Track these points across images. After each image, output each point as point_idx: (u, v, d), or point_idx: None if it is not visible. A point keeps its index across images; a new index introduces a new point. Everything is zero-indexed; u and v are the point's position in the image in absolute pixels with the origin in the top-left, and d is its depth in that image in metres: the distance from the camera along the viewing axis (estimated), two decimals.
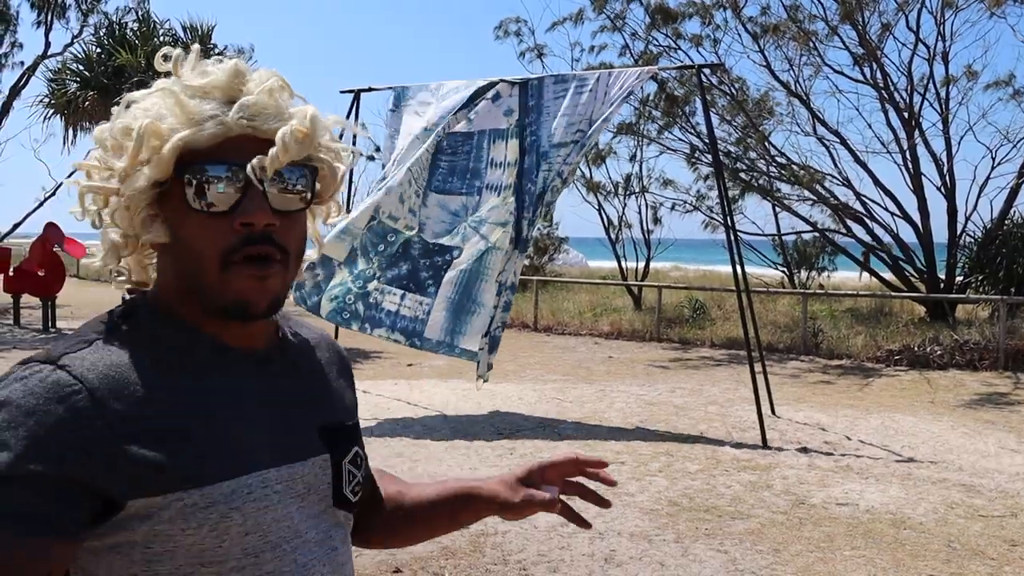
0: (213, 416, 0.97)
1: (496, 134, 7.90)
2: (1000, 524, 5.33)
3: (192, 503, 0.92)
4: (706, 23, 16.21)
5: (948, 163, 15.56)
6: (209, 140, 0.95)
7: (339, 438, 1.11)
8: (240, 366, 1.03)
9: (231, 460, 0.96)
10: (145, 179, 0.95)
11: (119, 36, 15.05)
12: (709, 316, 15.83)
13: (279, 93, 1.00)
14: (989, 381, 10.82)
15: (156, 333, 0.99)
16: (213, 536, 0.93)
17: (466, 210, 7.93)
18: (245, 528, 0.95)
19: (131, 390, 0.92)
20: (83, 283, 24.31)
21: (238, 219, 0.95)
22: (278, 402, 1.05)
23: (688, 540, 4.97)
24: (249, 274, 0.97)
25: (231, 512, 0.94)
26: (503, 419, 8.27)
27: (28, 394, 0.88)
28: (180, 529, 0.92)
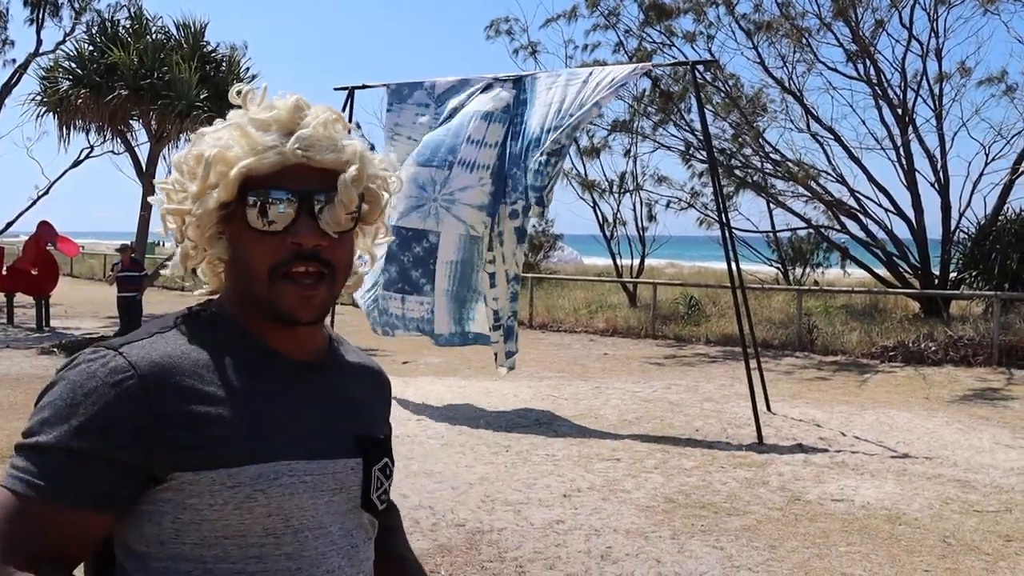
0: (250, 408, 1.08)
1: (479, 114, 7.83)
2: (995, 519, 5.34)
3: (221, 481, 1.03)
4: (699, 20, 16.22)
5: (942, 159, 15.60)
6: (269, 167, 1.07)
7: (372, 447, 1.20)
8: (286, 370, 1.14)
9: (261, 447, 1.06)
10: (213, 201, 1.09)
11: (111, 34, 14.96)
12: (704, 313, 15.84)
13: (332, 126, 1.11)
14: (983, 377, 10.85)
15: (213, 333, 1.12)
16: (237, 514, 1.04)
17: (434, 184, 7.82)
18: (268, 510, 1.05)
19: (177, 379, 1.05)
20: (77, 282, 24.25)
21: (290, 238, 1.08)
22: (318, 406, 1.15)
23: (684, 537, 4.97)
24: (294, 291, 1.10)
25: (256, 493, 1.04)
26: (499, 416, 8.26)
27: (90, 376, 1.02)
28: (208, 504, 1.03)
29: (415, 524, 5.12)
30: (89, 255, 30.81)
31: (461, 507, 5.46)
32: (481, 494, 5.75)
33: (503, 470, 6.35)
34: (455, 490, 5.83)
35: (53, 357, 11.59)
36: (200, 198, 1.10)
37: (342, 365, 1.25)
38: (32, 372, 10.31)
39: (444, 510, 5.39)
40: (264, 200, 1.08)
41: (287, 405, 1.12)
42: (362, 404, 1.24)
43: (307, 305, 1.10)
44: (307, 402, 1.14)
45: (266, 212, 1.08)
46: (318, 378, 1.18)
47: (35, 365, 10.88)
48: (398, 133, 8.35)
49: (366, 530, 1.19)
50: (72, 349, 12.05)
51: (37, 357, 11.64)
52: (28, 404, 9.41)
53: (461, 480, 6.08)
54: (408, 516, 5.24)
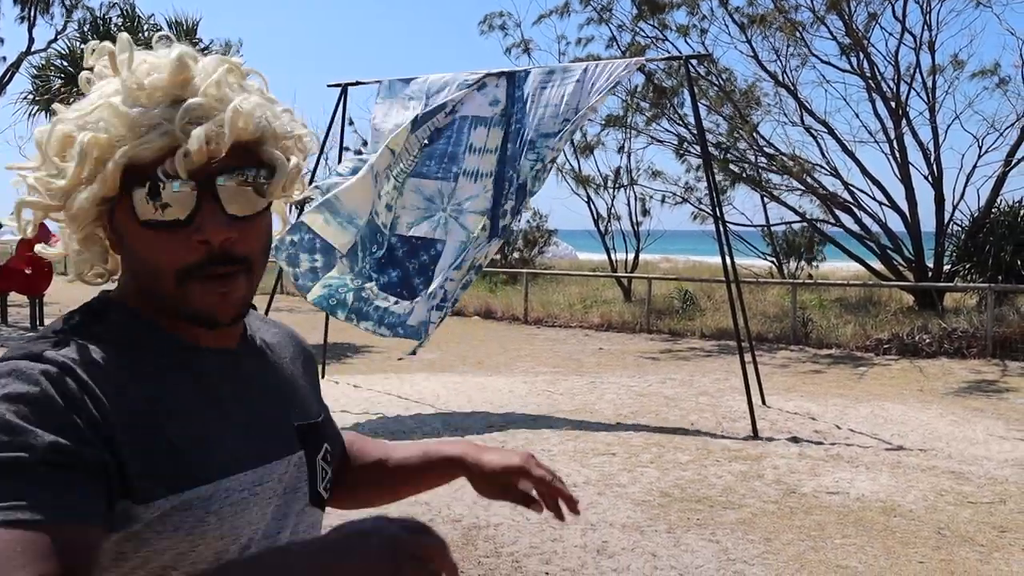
0: (189, 419, 0.93)
1: (478, 121, 7.85)
2: (989, 510, 5.36)
3: (170, 508, 0.88)
4: (693, 13, 16.20)
5: (935, 152, 15.62)
6: (156, 152, 0.88)
7: (312, 435, 1.09)
8: (213, 366, 0.99)
9: (209, 464, 0.92)
10: (88, 198, 0.90)
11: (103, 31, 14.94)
12: (699, 307, 15.86)
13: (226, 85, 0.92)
14: (977, 369, 10.89)
15: (128, 334, 0.95)
16: (188, 541, 0.89)
17: (441, 196, 7.84)
18: (221, 532, 0.92)
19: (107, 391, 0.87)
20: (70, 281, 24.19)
21: (194, 236, 0.90)
22: (252, 401, 1.02)
23: (680, 530, 4.98)
24: (209, 290, 0.93)
25: (207, 516, 0.90)
26: (494, 412, 8.27)
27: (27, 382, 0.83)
28: (156, 532, 0.88)
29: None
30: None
31: (457, 503, 5.47)
32: None
33: None
34: (451, 486, 5.80)
35: None
36: (70, 193, 0.91)
37: (264, 344, 1.10)
38: None
39: (440, 506, 5.40)
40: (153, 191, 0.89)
41: (224, 408, 0.97)
42: (293, 387, 1.11)
43: (226, 304, 0.94)
44: (240, 399, 1.00)
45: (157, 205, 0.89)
46: (245, 367, 1.03)
47: None
48: (385, 122, 8.34)
49: (317, 527, 1.08)
50: None
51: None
52: None
53: None
54: (404, 512, 5.22)
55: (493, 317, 16.80)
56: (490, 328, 15.50)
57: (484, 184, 7.78)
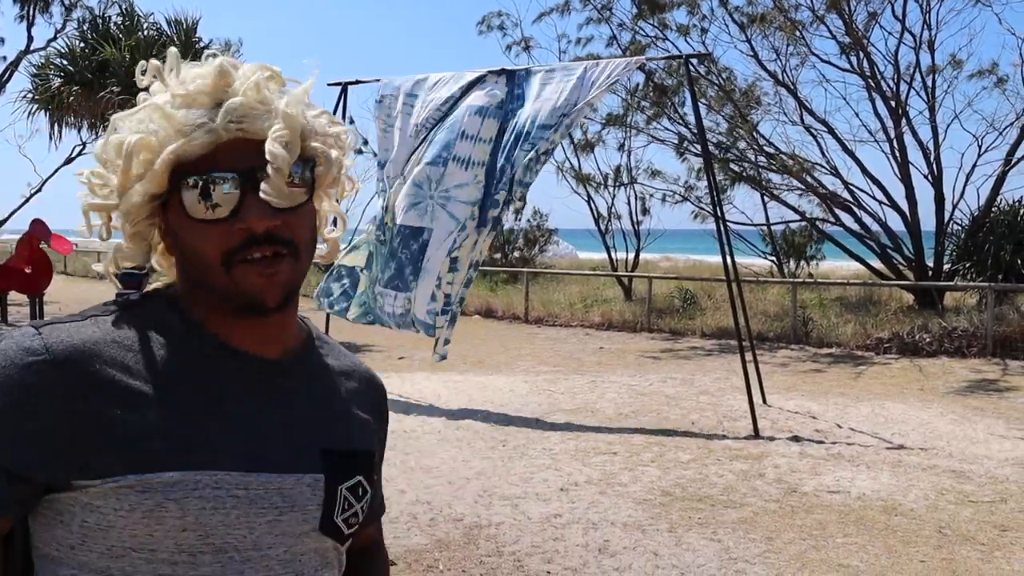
0: (181, 407, 0.95)
1: (473, 109, 7.80)
2: (990, 509, 5.36)
3: (128, 485, 0.91)
4: (693, 13, 16.21)
5: (935, 151, 15.62)
6: (200, 149, 0.95)
7: (342, 463, 1.06)
8: (241, 369, 1.01)
9: (184, 452, 0.93)
10: (140, 194, 0.98)
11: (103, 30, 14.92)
12: (699, 306, 15.86)
13: (266, 87, 0.99)
14: (978, 368, 10.89)
15: (158, 318, 1.01)
16: (144, 523, 0.92)
17: (429, 182, 7.77)
18: (183, 523, 0.92)
19: (97, 367, 0.93)
20: (70, 279, 24.18)
21: (238, 224, 0.96)
22: (275, 411, 1.02)
23: (681, 529, 4.98)
24: (256, 271, 0.97)
25: (167, 503, 0.91)
26: (495, 411, 8.27)
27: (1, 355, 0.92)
28: (113, 508, 0.92)
29: (413, 519, 5.12)
30: (83, 253, 30.69)
31: (458, 502, 5.47)
32: (478, 489, 5.75)
33: (500, 464, 6.36)
34: (452, 485, 5.84)
35: None
36: (124, 192, 0.99)
37: (320, 367, 1.11)
38: None
39: (441, 505, 5.39)
40: (200, 186, 0.95)
41: (231, 408, 0.99)
42: (338, 413, 1.10)
43: (271, 286, 0.97)
44: (261, 406, 1.01)
45: (208, 196, 0.95)
46: (283, 380, 1.04)
47: None
48: (390, 125, 8.33)
49: (324, 557, 1.04)
50: None
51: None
52: None
53: (458, 475, 6.08)
54: (406, 511, 5.25)
55: (494, 316, 16.80)
56: (491, 327, 15.50)
57: (475, 173, 7.68)
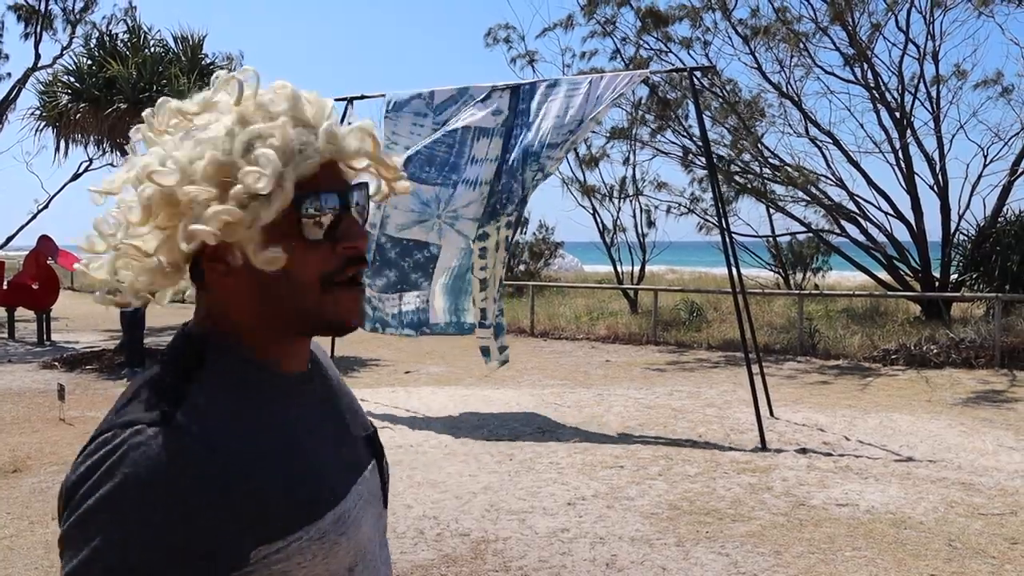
0: (301, 447, 0.98)
1: (481, 132, 7.93)
2: (1000, 522, 5.32)
3: (308, 538, 0.94)
4: (696, 26, 16.26)
5: (940, 162, 15.61)
6: (312, 169, 0.96)
7: (375, 443, 1.16)
8: (298, 391, 1.04)
9: (329, 487, 0.99)
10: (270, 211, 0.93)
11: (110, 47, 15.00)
12: (705, 318, 15.84)
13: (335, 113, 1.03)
14: (986, 379, 10.84)
15: (231, 371, 0.97)
16: (324, 564, 0.96)
17: (438, 202, 7.97)
18: (349, 548, 0.99)
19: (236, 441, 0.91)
20: (77, 296, 24.24)
21: (343, 245, 0.98)
22: (331, 418, 1.08)
23: (689, 543, 4.95)
24: (350, 296, 1.00)
25: (339, 538, 0.97)
26: (501, 425, 8.25)
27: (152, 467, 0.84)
28: (296, 564, 0.93)
29: (420, 534, 5.11)
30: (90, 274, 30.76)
31: (465, 516, 5.45)
32: (485, 503, 5.73)
33: (507, 479, 6.34)
34: (459, 499, 5.82)
35: (54, 371, 11.58)
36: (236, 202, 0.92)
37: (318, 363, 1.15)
38: (34, 386, 10.30)
39: (448, 520, 5.38)
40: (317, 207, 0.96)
41: (320, 430, 1.04)
42: (350, 398, 1.17)
43: (357, 309, 1.01)
44: (327, 418, 1.07)
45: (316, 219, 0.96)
46: (315, 386, 1.09)
47: (37, 379, 10.88)
48: (394, 142, 8.38)
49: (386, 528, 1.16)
50: (73, 363, 12.05)
51: (39, 371, 11.64)
52: (30, 418, 9.22)
53: (465, 489, 6.07)
54: (412, 526, 5.23)
55: None
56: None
57: (481, 192, 7.84)
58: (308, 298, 0.98)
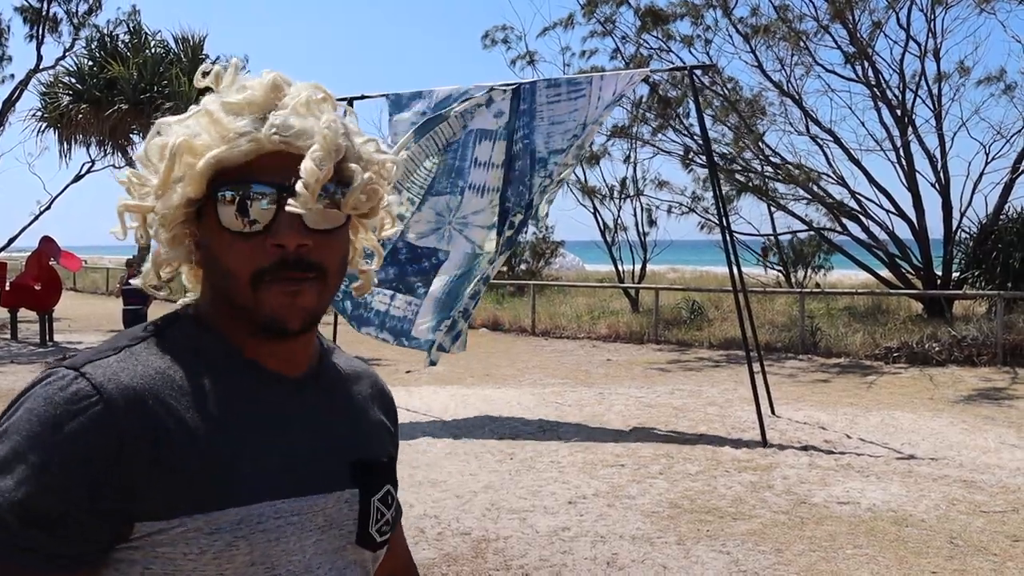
0: (234, 438, 0.94)
1: (483, 134, 7.94)
2: (1002, 520, 5.32)
3: (196, 528, 0.89)
4: (696, 24, 16.24)
5: (942, 159, 15.59)
6: (242, 157, 0.93)
7: (371, 474, 1.06)
8: (273, 390, 1.00)
9: (245, 486, 0.92)
10: (178, 196, 0.95)
11: (111, 48, 15.03)
12: (707, 317, 15.83)
13: (316, 106, 0.97)
14: (988, 376, 10.83)
15: (196, 343, 0.98)
16: (216, 564, 0.90)
17: (449, 210, 8.02)
18: (252, 558, 0.91)
19: (150, 405, 0.90)
20: (80, 296, 24.27)
21: (270, 240, 0.94)
22: (308, 430, 1.01)
23: (690, 542, 4.95)
24: (280, 291, 0.95)
25: (237, 541, 0.90)
26: (502, 424, 8.26)
27: (47, 402, 0.88)
28: (182, 553, 0.89)
29: (420, 533, 5.11)
30: (91, 269, 30.86)
31: (466, 516, 5.46)
32: (486, 502, 5.74)
33: (508, 478, 6.35)
34: (460, 499, 5.82)
35: None
36: (163, 194, 0.96)
37: (336, 378, 1.10)
38: None
39: (449, 519, 5.38)
40: (239, 195, 0.93)
41: (274, 434, 0.97)
42: (360, 423, 1.10)
43: (295, 310, 0.95)
44: (297, 427, 1.00)
45: (244, 210, 0.93)
46: (310, 396, 1.03)
47: None
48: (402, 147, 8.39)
49: (363, 567, 1.05)
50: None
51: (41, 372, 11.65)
52: None
53: (466, 488, 6.07)
54: (413, 525, 5.24)
55: (500, 329, 16.80)
56: (497, 340, 15.50)
57: (491, 199, 7.88)
58: (239, 294, 0.96)
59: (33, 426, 0.86)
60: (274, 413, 0.99)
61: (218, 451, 0.92)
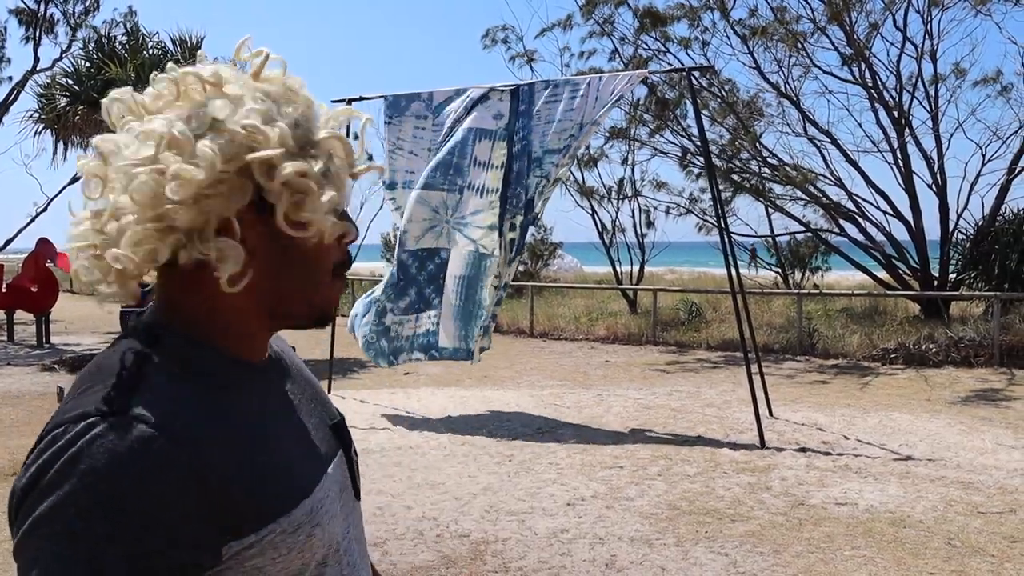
0: (269, 437, 0.94)
1: (482, 133, 7.97)
2: (999, 520, 5.33)
3: (282, 531, 0.90)
4: (694, 26, 16.25)
5: (939, 161, 15.60)
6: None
7: (343, 432, 1.12)
8: (261, 381, 1.00)
9: (301, 478, 0.95)
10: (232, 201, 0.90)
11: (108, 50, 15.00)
12: (704, 318, 15.84)
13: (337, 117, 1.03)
14: (984, 377, 10.84)
15: (199, 362, 0.92)
16: (299, 556, 0.92)
17: (446, 208, 8.06)
18: (324, 540, 0.96)
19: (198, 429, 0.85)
20: (76, 298, 24.22)
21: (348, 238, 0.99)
22: (296, 408, 1.04)
23: (688, 543, 4.96)
24: (341, 285, 1.03)
25: (314, 530, 0.94)
26: (501, 426, 8.25)
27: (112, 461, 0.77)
28: (271, 559, 0.89)
29: (419, 535, 5.11)
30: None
31: (465, 517, 5.45)
32: (485, 504, 5.74)
33: (506, 480, 6.35)
34: (458, 500, 5.82)
35: (54, 373, 11.58)
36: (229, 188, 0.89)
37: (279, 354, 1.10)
38: (33, 389, 10.30)
39: (448, 521, 5.38)
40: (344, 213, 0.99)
41: (292, 419, 1.01)
42: (315, 388, 1.13)
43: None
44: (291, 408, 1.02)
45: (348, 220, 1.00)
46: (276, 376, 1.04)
47: (36, 382, 10.87)
48: (399, 147, 8.41)
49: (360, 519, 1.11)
50: (73, 365, 12.05)
51: (38, 374, 11.64)
52: (30, 421, 9.21)
53: (464, 490, 6.07)
54: (412, 527, 5.24)
55: (498, 330, 16.76)
56: (496, 341, 15.41)
57: (490, 200, 7.90)
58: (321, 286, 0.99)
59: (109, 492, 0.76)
60: (275, 402, 1.01)
61: (273, 452, 0.93)
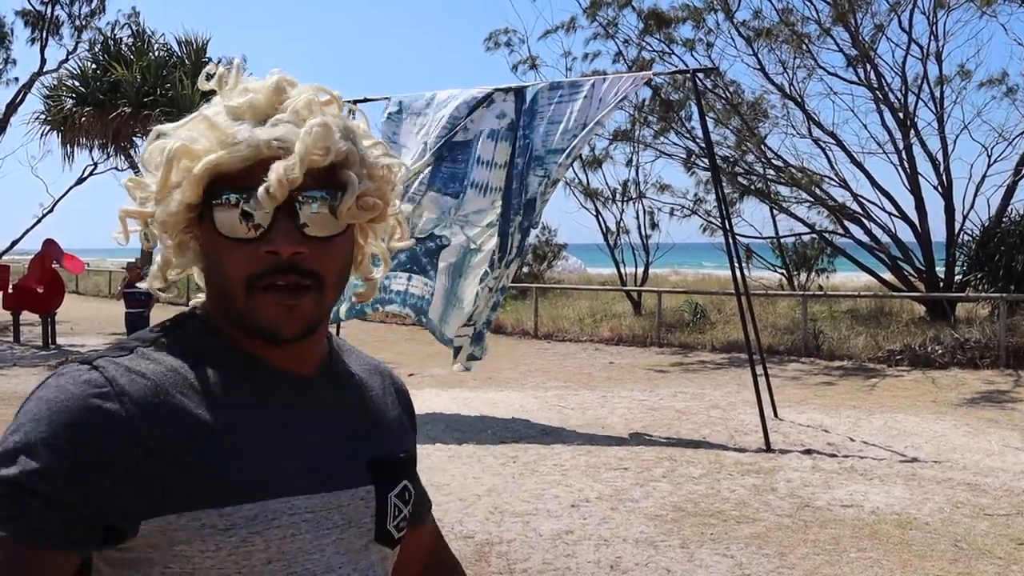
0: (246, 435, 0.93)
1: (484, 132, 7.99)
2: (1006, 523, 5.31)
3: (211, 524, 0.88)
4: (699, 27, 16.24)
5: (944, 162, 15.56)
6: (241, 163, 0.91)
7: (387, 470, 1.06)
8: (284, 389, 0.99)
9: (258, 482, 0.92)
10: (176, 203, 0.94)
11: (114, 51, 15.05)
12: (709, 320, 15.82)
13: (319, 109, 0.95)
14: (991, 379, 10.81)
15: (204, 344, 0.97)
16: (233, 561, 0.90)
17: (452, 208, 8.12)
18: (268, 555, 0.91)
19: (161, 400, 0.90)
20: (82, 299, 24.30)
21: (264, 247, 0.92)
22: (322, 429, 1.01)
23: (693, 545, 4.95)
24: (275, 301, 0.93)
25: (252, 537, 0.90)
26: (505, 427, 8.25)
27: (59, 391, 0.88)
28: (199, 551, 0.89)
29: None
30: (94, 272, 30.90)
31: (469, 519, 5.45)
32: (489, 505, 5.74)
33: (511, 481, 6.34)
34: (463, 502, 5.82)
35: None
36: (162, 199, 0.95)
37: (348, 375, 1.09)
38: None
39: (452, 522, 5.38)
40: (233, 202, 0.92)
41: (288, 431, 0.97)
42: (375, 418, 1.09)
43: (290, 318, 0.94)
44: (309, 424, 0.99)
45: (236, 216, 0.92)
46: (321, 393, 1.03)
47: None
48: (393, 142, 8.42)
49: (380, 566, 1.04)
50: None
51: (44, 375, 11.65)
52: None
53: (469, 492, 6.07)
54: None
55: (503, 332, 16.78)
56: (500, 343, 15.48)
57: (492, 199, 7.90)
58: (235, 299, 0.95)
59: (42, 412, 0.87)
60: (287, 411, 0.98)
61: (231, 447, 0.91)
